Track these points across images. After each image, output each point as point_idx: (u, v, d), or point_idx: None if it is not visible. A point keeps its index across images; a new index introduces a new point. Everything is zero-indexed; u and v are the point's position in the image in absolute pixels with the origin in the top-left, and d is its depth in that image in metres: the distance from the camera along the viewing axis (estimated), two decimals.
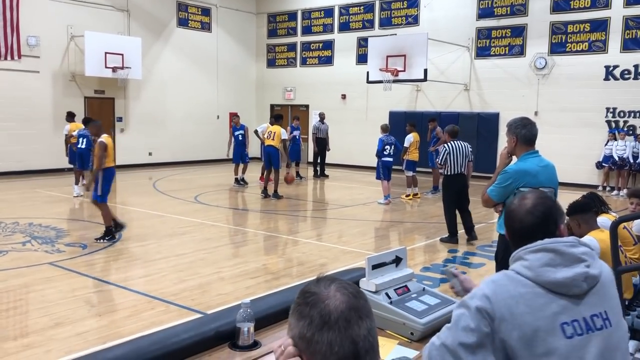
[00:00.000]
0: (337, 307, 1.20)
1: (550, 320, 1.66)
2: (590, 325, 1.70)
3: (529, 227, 1.86)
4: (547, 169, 4.00)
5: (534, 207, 1.88)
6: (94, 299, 5.71)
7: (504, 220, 1.98)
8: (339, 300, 1.21)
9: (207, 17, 20.09)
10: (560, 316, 1.68)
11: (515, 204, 1.93)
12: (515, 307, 1.67)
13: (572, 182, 13.98)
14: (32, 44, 15.52)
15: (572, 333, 1.67)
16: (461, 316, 1.72)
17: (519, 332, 1.65)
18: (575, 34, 14.99)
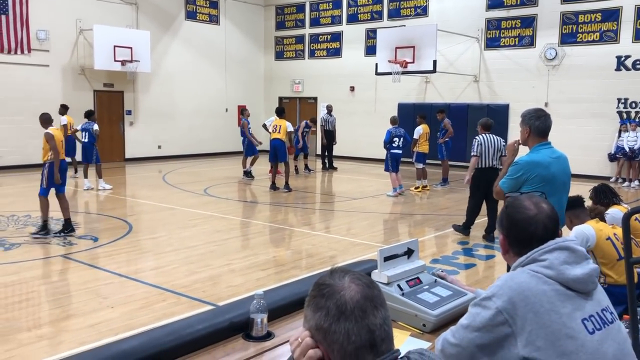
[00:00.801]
0: (353, 297, 1.22)
1: (572, 317, 1.67)
2: (604, 319, 1.73)
3: (552, 232, 1.86)
4: (560, 160, 3.94)
5: (552, 211, 1.90)
6: (105, 291, 5.76)
7: (506, 224, 1.93)
8: (354, 290, 1.23)
9: (215, 9, 20.08)
10: (578, 312, 1.69)
11: (532, 209, 1.89)
12: (539, 305, 1.66)
13: (583, 174, 13.88)
14: (41, 38, 15.58)
15: (592, 328, 1.69)
16: (477, 315, 1.72)
17: (545, 331, 1.64)
18: (586, 24, 14.85)
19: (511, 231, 1.92)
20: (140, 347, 1.95)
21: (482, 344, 1.68)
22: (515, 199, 1.99)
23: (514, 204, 1.95)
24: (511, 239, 1.92)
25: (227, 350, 2.07)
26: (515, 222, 1.90)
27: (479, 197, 8.24)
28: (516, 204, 1.94)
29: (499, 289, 1.72)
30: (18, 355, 4.25)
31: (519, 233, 1.89)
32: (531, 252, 1.80)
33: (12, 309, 5.32)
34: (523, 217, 1.89)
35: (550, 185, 3.80)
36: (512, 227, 1.91)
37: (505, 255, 1.98)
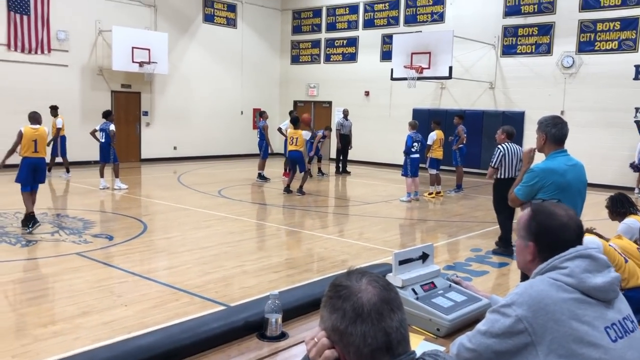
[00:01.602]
0: (370, 299, 1.22)
1: (595, 325, 1.66)
2: (626, 327, 1.72)
3: (580, 238, 1.86)
4: (576, 168, 3.91)
5: (577, 218, 1.90)
6: (119, 290, 5.81)
7: (537, 231, 1.90)
8: (371, 293, 1.24)
9: (232, 13, 20.20)
10: (601, 320, 1.68)
11: (564, 216, 1.88)
12: (560, 314, 1.65)
13: (600, 183, 13.75)
14: (61, 38, 15.78)
15: (615, 337, 1.68)
16: (496, 322, 1.71)
17: (567, 340, 1.63)
18: (605, 32, 14.74)
19: (544, 238, 1.88)
20: (156, 343, 1.98)
21: (499, 350, 1.68)
22: (541, 205, 1.97)
23: (544, 211, 1.92)
24: (542, 245, 1.88)
25: (242, 349, 2.09)
26: (550, 229, 1.87)
27: (504, 208, 7.40)
28: (547, 211, 1.91)
29: (519, 297, 1.70)
30: (33, 350, 4.31)
31: (553, 240, 1.85)
32: (552, 259, 1.79)
33: (28, 305, 5.39)
34: (557, 223, 1.87)
35: (566, 192, 3.76)
36: (545, 234, 1.88)
37: (529, 264, 1.92)
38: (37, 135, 8.41)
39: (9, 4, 14.76)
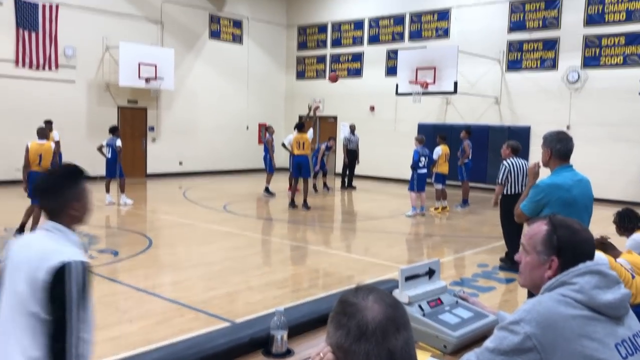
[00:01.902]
0: (375, 318, 1.21)
1: (605, 342, 1.64)
2: (636, 344, 1.70)
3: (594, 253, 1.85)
4: (582, 183, 3.87)
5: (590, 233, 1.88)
6: (124, 305, 5.80)
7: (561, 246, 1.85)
8: (377, 311, 1.22)
9: (238, 29, 20.37)
10: (611, 337, 1.66)
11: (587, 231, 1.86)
12: (570, 331, 1.63)
13: (607, 198, 13.69)
14: (68, 54, 15.93)
15: (625, 354, 1.66)
16: (504, 339, 1.68)
17: (577, 357, 1.61)
18: (610, 47, 14.76)
19: (569, 252, 1.82)
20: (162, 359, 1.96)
21: None
22: (560, 219, 1.90)
23: (564, 225, 1.86)
24: (567, 260, 1.81)
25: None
26: (575, 243, 1.82)
27: (511, 224, 7.30)
28: (567, 225, 1.86)
29: (527, 314, 1.68)
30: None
31: (577, 255, 1.80)
32: (561, 275, 1.77)
33: None
34: (581, 238, 1.84)
35: (572, 208, 3.71)
36: (570, 248, 1.82)
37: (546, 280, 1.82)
38: (42, 150, 8.62)
39: (17, 20, 14.94)
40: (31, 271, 2.05)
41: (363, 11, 19.71)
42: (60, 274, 2.01)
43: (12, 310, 2.10)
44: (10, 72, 14.93)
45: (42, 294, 2.02)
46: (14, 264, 2.15)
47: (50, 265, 2.02)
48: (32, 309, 2.03)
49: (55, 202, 2.20)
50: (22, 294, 2.06)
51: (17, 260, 2.15)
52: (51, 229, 2.20)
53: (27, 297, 2.04)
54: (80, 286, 2.07)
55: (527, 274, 1.91)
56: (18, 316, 2.07)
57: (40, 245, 2.15)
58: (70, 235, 2.23)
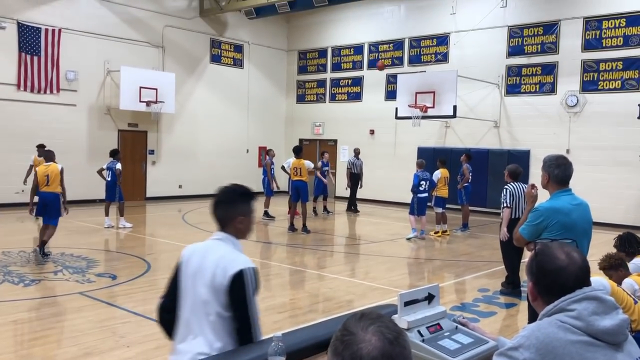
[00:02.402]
0: (370, 352, 1.18)
1: None
2: None
3: (582, 282, 1.81)
4: (581, 207, 3.87)
5: (583, 261, 1.85)
6: (122, 330, 5.74)
7: (536, 272, 1.88)
8: (373, 346, 1.19)
9: (239, 53, 20.55)
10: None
11: (563, 260, 1.83)
12: (569, 357, 1.62)
13: (607, 222, 13.66)
14: (70, 78, 16.05)
15: None
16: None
17: None
18: (608, 72, 14.87)
19: (541, 280, 1.86)
20: None
21: None
22: (546, 246, 1.92)
23: (545, 252, 1.89)
24: (540, 287, 1.86)
25: None
26: (546, 272, 1.84)
27: (511, 248, 7.38)
28: (548, 252, 1.88)
29: (526, 340, 1.67)
30: None
31: (549, 283, 1.82)
32: (558, 301, 1.76)
33: (30, 346, 5.32)
34: (554, 267, 1.82)
35: (571, 232, 3.73)
36: (542, 276, 1.85)
37: (534, 302, 1.91)
38: (49, 171, 9.03)
39: (20, 44, 15.08)
40: (212, 277, 2.45)
41: (363, 36, 19.92)
42: (239, 280, 2.41)
43: (195, 310, 2.50)
44: (12, 96, 15.02)
45: (224, 297, 2.41)
46: (192, 270, 2.55)
47: (230, 273, 2.41)
48: (216, 309, 2.43)
49: (227, 213, 2.59)
50: (204, 296, 2.46)
51: (195, 266, 2.54)
52: (223, 238, 2.58)
53: (209, 299, 2.44)
54: (254, 287, 2.47)
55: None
56: (202, 315, 2.47)
57: (217, 254, 2.52)
58: (237, 244, 2.59)
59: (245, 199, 2.66)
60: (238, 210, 2.59)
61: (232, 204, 2.61)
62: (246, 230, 2.65)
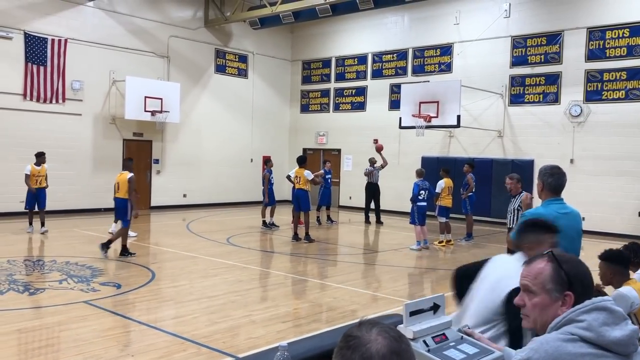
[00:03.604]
0: (379, 350, 1.21)
1: None
2: None
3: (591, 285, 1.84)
4: (569, 216, 3.92)
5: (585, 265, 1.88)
6: (126, 339, 5.74)
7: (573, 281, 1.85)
8: (380, 344, 1.22)
9: (244, 63, 20.65)
10: None
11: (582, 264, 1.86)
12: None
13: (610, 232, 13.62)
14: (76, 88, 16.15)
15: None
16: None
17: None
18: (611, 82, 14.89)
19: (579, 285, 1.82)
20: None
21: None
22: (559, 255, 1.89)
23: (568, 259, 1.87)
24: (579, 293, 1.81)
25: None
26: (582, 275, 1.84)
27: None
28: (570, 258, 1.88)
29: (535, 353, 1.67)
30: None
31: (586, 286, 1.82)
32: (567, 313, 1.75)
33: (34, 355, 5.32)
34: (585, 269, 1.87)
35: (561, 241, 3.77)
36: (579, 280, 1.83)
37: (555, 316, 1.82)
38: (119, 179, 10.45)
39: (26, 55, 15.19)
40: (493, 288, 2.72)
41: (366, 46, 20.00)
42: (511, 297, 2.51)
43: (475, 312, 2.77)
44: (18, 106, 15.11)
45: (501, 309, 2.63)
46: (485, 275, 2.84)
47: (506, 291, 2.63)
48: (491, 317, 2.67)
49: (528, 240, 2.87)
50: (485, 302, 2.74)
51: (487, 273, 2.83)
52: (519, 258, 2.75)
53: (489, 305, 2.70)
54: None
55: (536, 315, 1.88)
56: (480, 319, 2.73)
57: (503, 270, 2.77)
58: None
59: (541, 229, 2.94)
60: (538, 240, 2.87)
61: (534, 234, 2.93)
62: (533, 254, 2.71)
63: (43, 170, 12.78)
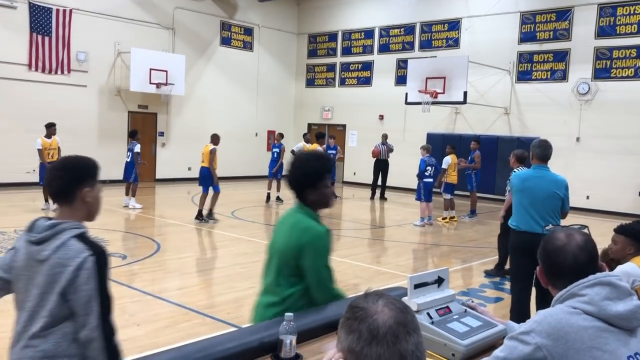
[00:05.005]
0: (386, 321, 1.22)
1: (617, 354, 1.64)
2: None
3: (584, 263, 1.83)
4: (543, 179, 4.85)
5: (585, 243, 1.87)
6: (132, 309, 5.82)
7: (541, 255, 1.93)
8: (387, 315, 1.23)
9: (249, 36, 20.48)
10: (622, 349, 1.66)
11: (562, 240, 1.87)
12: (581, 342, 1.64)
13: (616, 211, 13.62)
14: (81, 59, 16.08)
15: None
16: (515, 349, 1.70)
17: None
18: (621, 59, 14.72)
19: (545, 262, 1.92)
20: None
21: None
22: (553, 231, 1.99)
23: (548, 236, 1.95)
24: (546, 269, 1.93)
25: None
26: (547, 253, 1.90)
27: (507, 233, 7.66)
28: (550, 236, 1.95)
29: (538, 325, 1.69)
30: None
31: (550, 264, 1.89)
32: (570, 287, 1.77)
33: None
34: (553, 247, 1.89)
35: (525, 195, 4.88)
36: (545, 257, 1.92)
37: (547, 287, 1.96)
38: (204, 150, 11.67)
39: (31, 25, 15.10)
40: None
41: (374, 20, 19.78)
42: None
43: None
44: (23, 76, 15.08)
45: None
46: None
47: None
48: None
49: None
50: None
51: None
52: None
53: None
54: None
55: None
56: None
57: None
58: None
59: None
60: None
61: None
62: None
63: (54, 142, 11.95)
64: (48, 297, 2.00)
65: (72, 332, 2.04)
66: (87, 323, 2.01)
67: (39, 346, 2.01)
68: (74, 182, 2.15)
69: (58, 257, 2.02)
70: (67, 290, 2.00)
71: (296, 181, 2.70)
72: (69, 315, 2.03)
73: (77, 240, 2.08)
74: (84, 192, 2.17)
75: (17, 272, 2.12)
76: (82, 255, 2.04)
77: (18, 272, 2.11)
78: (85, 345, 2.03)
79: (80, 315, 2.02)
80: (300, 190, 2.69)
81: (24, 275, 2.09)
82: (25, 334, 2.05)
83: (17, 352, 2.07)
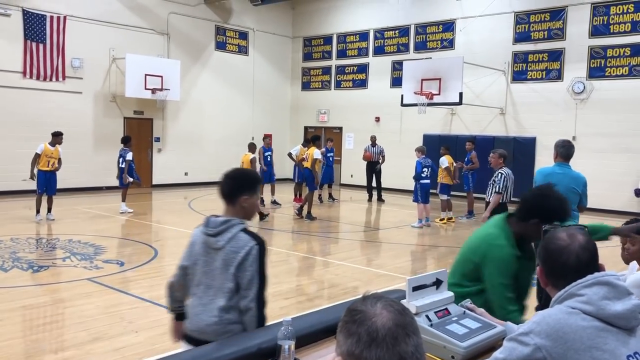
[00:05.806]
0: (384, 324, 1.21)
1: (616, 354, 1.63)
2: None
3: (586, 263, 1.82)
4: (564, 175, 5.18)
5: (587, 242, 1.86)
6: (130, 316, 5.79)
7: (542, 255, 1.92)
8: (386, 317, 1.22)
9: (244, 40, 20.49)
10: (622, 349, 1.65)
11: (565, 240, 1.86)
12: (580, 343, 1.63)
13: (610, 209, 13.63)
14: (76, 65, 16.05)
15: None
16: (514, 350, 1.69)
17: None
18: (615, 58, 14.76)
19: (546, 262, 1.90)
20: None
21: None
22: (553, 231, 1.97)
23: (549, 236, 1.93)
24: (547, 270, 1.91)
25: None
26: (549, 253, 1.88)
27: None
28: (551, 236, 1.93)
29: (537, 326, 1.69)
30: None
31: (552, 264, 1.87)
32: (569, 287, 1.76)
33: (39, 331, 5.38)
34: (555, 247, 1.87)
35: None
36: (546, 258, 1.90)
37: (546, 288, 1.94)
38: (243, 159, 12.04)
39: (25, 32, 15.07)
40: None
41: (368, 23, 19.81)
42: None
43: None
44: (17, 84, 15.04)
45: None
46: None
47: None
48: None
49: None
50: None
51: None
52: None
53: None
54: None
55: None
56: None
57: None
58: None
59: None
60: None
61: None
62: None
63: (57, 152, 11.41)
64: (226, 277, 2.62)
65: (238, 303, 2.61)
66: (248, 296, 2.60)
67: (224, 316, 2.61)
68: (235, 189, 2.75)
69: (231, 246, 2.64)
70: (237, 270, 2.60)
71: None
72: (237, 290, 2.61)
73: (244, 233, 2.69)
74: (242, 199, 2.76)
75: (195, 258, 2.77)
76: (249, 244, 2.66)
77: (196, 258, 2.76)
78: (244, 312, 2.60)
79: (243, 289, 2.61)
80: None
81: (201, 260, 2.73)
82: (210, 305, 2.65)
83: (206, 320, 2.65)
